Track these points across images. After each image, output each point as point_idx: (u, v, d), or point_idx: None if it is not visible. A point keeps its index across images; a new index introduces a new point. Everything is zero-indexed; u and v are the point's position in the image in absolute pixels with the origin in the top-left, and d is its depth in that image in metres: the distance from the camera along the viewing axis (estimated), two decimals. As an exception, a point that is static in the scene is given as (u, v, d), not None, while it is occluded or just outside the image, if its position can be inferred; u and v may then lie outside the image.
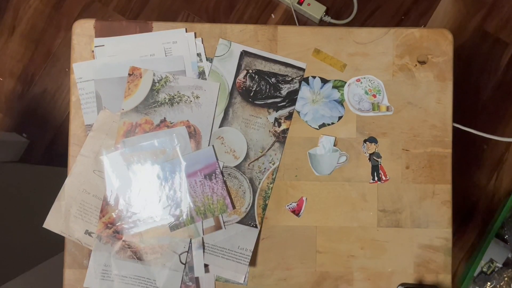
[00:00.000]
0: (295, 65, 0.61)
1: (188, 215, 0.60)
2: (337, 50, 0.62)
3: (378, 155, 0.61)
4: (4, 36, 1.35)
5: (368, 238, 0.61)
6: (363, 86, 0.61)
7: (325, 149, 0.61)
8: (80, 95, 0.61)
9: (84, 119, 0.61)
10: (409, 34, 0.62)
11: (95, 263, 0.59)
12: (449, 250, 0.61)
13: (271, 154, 0.61)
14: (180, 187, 0.60)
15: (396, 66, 0.62)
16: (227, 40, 0.61)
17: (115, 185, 0.59)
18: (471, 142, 1.31)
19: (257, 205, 0.61)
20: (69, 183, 0.60)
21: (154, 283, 0.59)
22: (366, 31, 0.62)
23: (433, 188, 0.61)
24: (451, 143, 0.61)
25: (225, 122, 0.61)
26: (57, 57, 1.36)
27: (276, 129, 0.61)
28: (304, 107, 0.61)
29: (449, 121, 0.61)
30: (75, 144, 0.60)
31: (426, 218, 0.61)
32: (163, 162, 0.60)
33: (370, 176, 0.61)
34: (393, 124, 0.61)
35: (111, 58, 0.61)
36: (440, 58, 0.62)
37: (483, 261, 1.22)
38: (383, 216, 0.61)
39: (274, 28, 0.62)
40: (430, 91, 0.61)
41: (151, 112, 0.60)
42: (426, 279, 0.61)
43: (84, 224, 0.60)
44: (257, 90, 0.61)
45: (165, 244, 0.60)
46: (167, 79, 0.60)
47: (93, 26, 0.61)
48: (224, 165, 0.60)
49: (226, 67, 0.61)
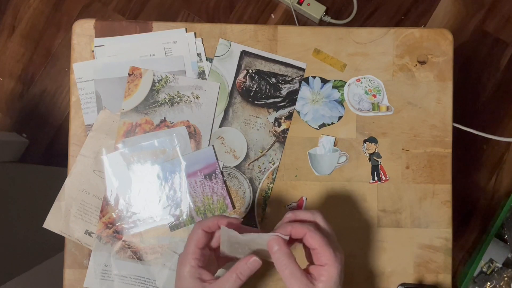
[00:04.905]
0: (295, 65, 0.61)
1: (188, 215, 0.60)
2: (337, 50, 0.62)
3: (378, 155, 0.61)
4: (4, 36, 1.35)
5: (368, 238, 0.61)
6: (363, 86, 0.61)
7: (325, 149, 0.61)
8: (80, 95, 0.61)
9: (84, 119, 0.60)
10: (409, 34, 0.62)
11: (95, 263, 0.59)
12: (449, 250, 0.61)
13: (271, 154, 0.61)
14: (180, 187, 0.60)
15: (396, 66, 0.62)
16: (227, 40, 0.61)
17: (115, 185, 0.59)
18: (471, 142, 1.31)
19: (257, 205, 0.61)
20: (69, 183, 0.60)
21: (154, 283, 0.59)
22: (366, 31, 0.62)
23: (433, 188, 0.61)
24: (451, 143, 0.61)
25: (225, 122, 0.61)
26: (57, 57, 1.36)
27: (276, 129, 0.61)
28: (304, 107, 0.61)
29: (449, 121, 0.61)
30: (75, 144, 0.60)
31: (426, 218, 0.61)
32: (163, 162, 0.60)
33: (370, 176, 0.61)
34: (393, 124, 0.61)
35: (111, 58, 0.61)
36: (440, 58, 0.62)
37: (483, 261, 1.22)
38: (383, 216, 0.61)
39: (274, 28, 0.62)
40: (430, 91, 0.61)
41: (151, 112, 0.60)
42: (426, 279, 0.61)
43: (84, 224, 0.60)
44: (257, 90, 0.61)
45: (165, 244, 0.60)
46: (167, 79, 0.60)
47: (93, 26, 0.61)
48: (224, 165, 0.60)
49: (226, 67, 0.61)
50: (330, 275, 0.44)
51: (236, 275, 0.45)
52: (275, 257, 0.45)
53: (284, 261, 0.44)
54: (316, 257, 0.46)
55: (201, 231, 0.47)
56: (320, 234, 0.45)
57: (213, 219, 0.48)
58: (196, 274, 0.46)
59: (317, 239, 0.45)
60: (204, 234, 0.47)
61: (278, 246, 0.45)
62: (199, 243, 0.47)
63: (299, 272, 0.44)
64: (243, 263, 0.45)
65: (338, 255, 0.45)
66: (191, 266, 0.46)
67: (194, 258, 0.46)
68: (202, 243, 0.47)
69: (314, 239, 0.45)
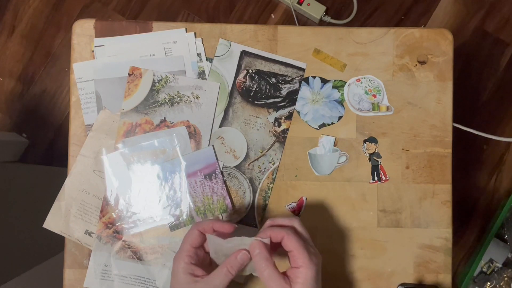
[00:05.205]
0: (295, 65, 0.61)
1: (188, 215, 0.60)
2: (337, 50, 0.62)
3: (378, 155, 0.61)
4: (4, 36, 1.35)
5: (368, 238, 0.61)
6: (363, 86, 0.61)
7: (325, 149, 0.61)
8: (80, 95, 0.61)
9: (84, 119, 0.60)
10: (409, 34, 0.62)
11: (95, 263, 0.59)
12: (449, 250, 0.61)
13: (271, 154, 0.61)
14: (180, 187, 0.60)
15: (396, 66, 0.62)
16: (227, 40, 0.61)
17: (115, 185, 0.59)
18: (471, 142, 1.31)
19: (257, 205, 0.61)
20: (69, 183, 0.60)
21: (154, 283, 0.59)
22: (366, 31, 0.62)
23: (433, 188, 0.61)
24: (451, 143, 0.61)
25: (225, 122, 0.61)
26: (57, 57, 1.36)
27: (276, 129, 0.61)
28: (304, 107, 0.61)
29: (449, 121, 0.61)
30: (75, 144, 0.60)
31: (426, 218, 0.61)
32: (163, 162, 0.60)
33: (370, 176, 0.61)
34: (393, 124, 0.61)
35: (111, 58, 0.61)
36: (440, 58, 0.62)
37: (483, 261, 1.22)
38: (383, 216, 0.61)
39: (274, 28, 0.62)
40: (430, 91, 0.61)
41: (151, 112, 0.60)
42: (426, 279, 0.61)
43: (84, 224, 0.60)
44: (257, 90, 0.61)
45: (165, 244, 0.60)
46: (167, 79, 0.60)
47: (93, 26, 0.61)
48: (224, 165, 0.60)
49: (226, 67, 0.61)
50: (305, 277, 0.46)
51: (227, 269, 0.47)
52: (255, 260, 0.47)
53: (263, 264, 0.47)
54: (292, 260, 0.48)
55: (197, 231, 0.49)
56: (297, 238, 0.48)
57: (208, 222, 0.50)
58: (189, 270, 0.47)
59: (294, 242, 0.47)
60: (199, 235, 0.49)
61: (259, 249, 0.47)
62: (194, 242, 0.49)
63: (276, 274, 0.46)
64: (233, 257, 0.48)
65: (313, 258, 0.47)
66: (185, 262, 0.48)
67: (188, 255, 0.48)
68: (196, 243, 0.49)
69: (292, 242, 0.47)
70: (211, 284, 0.47)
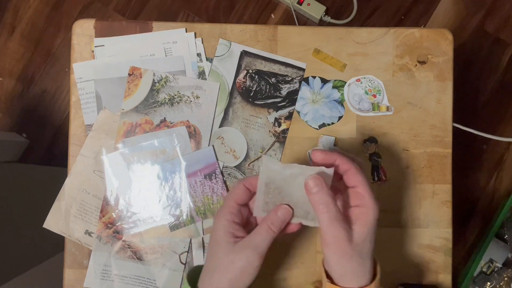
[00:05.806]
0: (295, 65, 0.61)
1: (188, 215, 0.60)
2: (337, 50, 0.62)
3: (378, 155, 0.61)
4: (4, 36, 1.35)
5: (368, 238, 0.61)
6: (363, 86, 0.61)
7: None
8: (80, 95, 0.61)
9: (84, 119, 0.60)
10: (409, 34, 0.62)
11: (95, 263, 0.59)
12: (449, 250, 0.61)
13: (271, 154, 0.61)
14: (180, 187, 0.60)
15: (396, 66, 0.62)
16: (227, 40, 0.61)
17: (115, 185, 0.59)
18: (471, 142, 1.31)
19: (257, 205, 0.61)
20: (69, 183, 0.60)
21: (154, 283, 0.59)
22: (366, 31, 0.62)
23: (433, 188, 0.61)
24: (451, 143, 0.61)
25: (225, 122, 0.61)
26: (57, 57, 1.36)
27: (276, 129, 0.61)
28: (304, 107, 0.61)
29: (449, 121, 0.61)
30: (75, 144, 0.60)
31: (426, 218, 0.61)
32: (163, 162, 0.60)
33: (370, 176, 0.61)
34: (393, 124, 0.61)
35: (111, 58, 0.61)
36: (440, 58, 0.62)
37: (483, 261, 1.22)
38: (383, 216, 0.61)
39: (274, 28, 0.62)
40: (430, 91, 0.61)
41: (151, 112, 0.60)
42: (426, 279, 0.61)
43: (84, 224, 0.60)
44: (257, 90, 0.61)
45: (165, 244, 0.60)
46: (167, 79, 0.60)
47: (93, 26, 0.61)
48: (224, 165, 0.60)
49: (226, 67, 0.61)
50: (368, 218, 0.40)
51: (268, 226, 0.42)
52: (314, 199, 0.40)
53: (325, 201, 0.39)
54: (354, 197, 0.42)
55: (243, 187, 0.44)
56: (364, 174, 0.41)
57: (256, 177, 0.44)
58: (230, 229, 0.43)
59: (360, 177, 0.41)
60: (245, 191, 0.44)
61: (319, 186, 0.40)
62: (239, 198, 0.44)
63: (340, 215, 0.39)
64: (273, 213, 0.42)
65: (377, 201, 0.41)
66: (227, 220, 0.43)
67: (230, 212, 0.43)
68: (241, 200, 0.44)
69: (358, 176, 0.41)
70: (252, 244, 0.41)
